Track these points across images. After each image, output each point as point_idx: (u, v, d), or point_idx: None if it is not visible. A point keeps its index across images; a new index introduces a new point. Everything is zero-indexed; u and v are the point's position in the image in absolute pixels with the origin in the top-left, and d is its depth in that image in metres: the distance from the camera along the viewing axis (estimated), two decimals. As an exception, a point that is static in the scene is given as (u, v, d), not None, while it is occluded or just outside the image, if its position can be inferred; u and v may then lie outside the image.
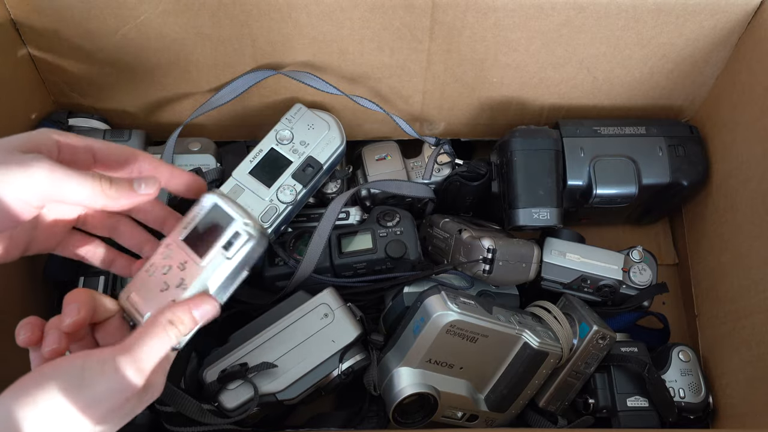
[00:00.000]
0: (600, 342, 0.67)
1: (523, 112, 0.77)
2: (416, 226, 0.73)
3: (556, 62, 0.70)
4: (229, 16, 0.63)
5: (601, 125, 0.73)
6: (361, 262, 0.69)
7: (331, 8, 0.63)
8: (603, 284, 0.71)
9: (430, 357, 0.62)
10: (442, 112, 0.77)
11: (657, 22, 0.65)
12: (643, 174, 0.71)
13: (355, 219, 0.75)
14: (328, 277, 0.69)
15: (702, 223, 0.77)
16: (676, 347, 0.71)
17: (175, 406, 0.60)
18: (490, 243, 0.65)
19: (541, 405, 0.69)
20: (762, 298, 0.64)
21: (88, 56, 0.66)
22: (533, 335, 0.63)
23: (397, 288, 0.69)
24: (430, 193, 0.76)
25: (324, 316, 0.65)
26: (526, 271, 0.67)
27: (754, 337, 0.65)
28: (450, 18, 0.64)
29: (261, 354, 0.63)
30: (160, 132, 0.75)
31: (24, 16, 0.63)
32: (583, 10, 0.63)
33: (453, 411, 0.66)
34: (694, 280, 0.80)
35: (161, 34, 0.65)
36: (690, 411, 0.69)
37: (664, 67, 0.70)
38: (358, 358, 0.65)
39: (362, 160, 0.79)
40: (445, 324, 0.60)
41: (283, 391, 0.63)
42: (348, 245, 0.70)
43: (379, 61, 0.69)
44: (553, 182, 0.70)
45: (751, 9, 0.64)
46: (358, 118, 0.76)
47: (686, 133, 0.74)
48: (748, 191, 0.67)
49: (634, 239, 0.85)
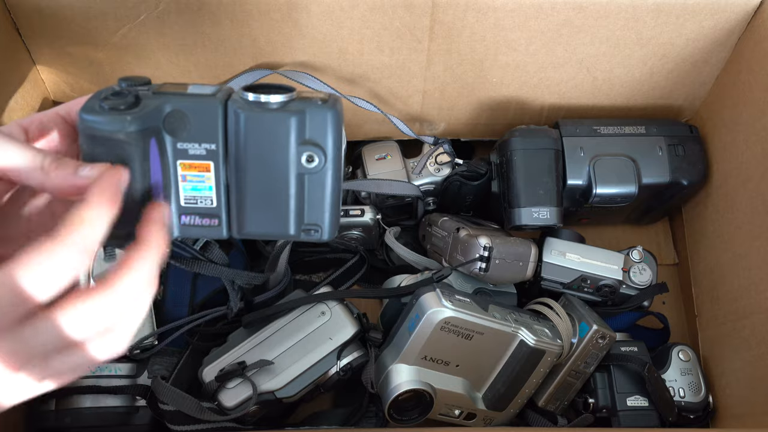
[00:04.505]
0: (600, 341, 0.67)
1: (523, 112, 0.77)
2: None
3: (555, 62, 0.70)
4: (229, 16, 0.63)
5: (600, 125, 0.73)
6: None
7: (331, 8, 0.63)
8: (603, 284, 0.71)
9: (425, 354, 0.62)
10: (442, 112, 0.77)
11: (657, 21, 0.65)
12: (642, 174, 0.71)
13: (368, 218, 0.75)
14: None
15: (702, 223, 0.77)
16: (676, 347, 0.71)
17: (175, 404, 0.60)
18: (486, 241, 0.65)
19: (541, 404, 0.69)
20: (762, 298, 0.64)
21: (88, 56, 0.67)
22: (530, 333, 0.63)
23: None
24: (416, 192, 0.76)
25: (321, 314, 0.65)
26: (523, 269, 0.67)
27: (754, 337, 0.65)
28: (450, 18, 0.64)
29: (259, 353, 0.63)
30: (160, 132, 0.75)
31: (24, 16, 0.63)
32: (582, 10, 0.63)
33: (450, 409, 0.66)
34: (694, 280, 0.80)
35: (161, 34, 0.65)
36: (690, 410, 0.69)
37: (664, 66, 0.70)
38: (356, 355, 0.65)
39: (362, 159, 0.79)
40: (439, 321, 0.60)
41: (281, 389, 0.63)
42: None
43: (378, 61, 0.69)
44: (552, 182, 0.70)
45: (751, 9, 0.64)
46: (358, 118, 0.76)
47: (686, 133, 0.74)
48: (748, 191, 0.67)
49: (634, 239, 0.85)
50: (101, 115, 0.34)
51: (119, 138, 0.34)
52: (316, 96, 0.37)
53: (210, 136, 0.36)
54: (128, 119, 0.34)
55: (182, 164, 0.36)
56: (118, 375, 0.65)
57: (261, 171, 0.37)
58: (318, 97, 0.37)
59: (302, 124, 0.36)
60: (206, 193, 0.37)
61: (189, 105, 0.35)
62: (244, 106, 0.35)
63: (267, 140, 0.36)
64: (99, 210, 0.32)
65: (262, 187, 0.37)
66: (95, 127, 0.34)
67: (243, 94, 0.36)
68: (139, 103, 0.35)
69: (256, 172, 0.37)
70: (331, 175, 0.37)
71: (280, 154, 0.36)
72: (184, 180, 0.37)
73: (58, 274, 0.31)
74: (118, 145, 0.34)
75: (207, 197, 0.38)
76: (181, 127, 0.35)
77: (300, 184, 0.38)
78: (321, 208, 0.38)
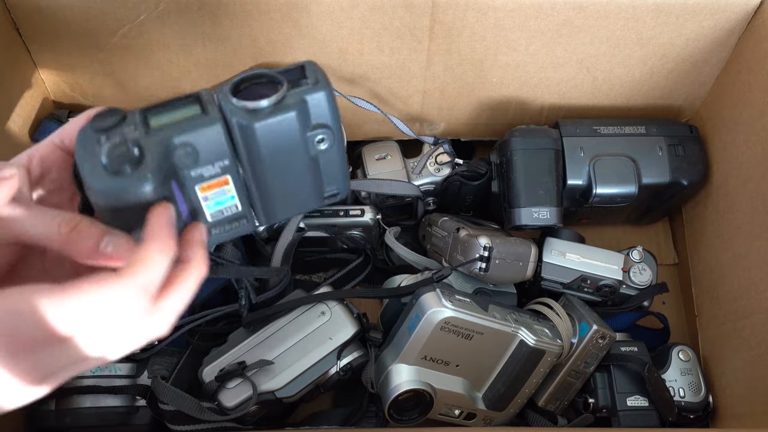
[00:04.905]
0: (600, 341, 0.67)
1: (523, 112, 0.77)
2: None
3: (555, 62, 0.70)
4: (229, 16, 0.63)
5: (600, 125, 0.73)
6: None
7: (331, 8, 0.63)
8: (603, 284, 0.71)
9: (425, 354, 0.62)
10: (442, 112, 0.77)
11: (657, 21, 0.65)
12: (642, 173, 0.71)
13: (368, 218, 0.75)
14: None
15: (702, 223, 0.77)
16: (676, 347, 0.71)
17: (175, 404, 0.60)
18: (486, 241, 0.65)
19: (541, 404, 0.69)
20: (762, 298, 0.64)
21: (88, 56, 0.67)
22: (530, 333, 0.63)
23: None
24: (416, 192, 0.76)
25: (321, 314, 0.65)
26: (523, 269, 0.67)
27: (754, 337, 0.65)
28: (450, 18, 0.64)
29: (259, 353, 0.63)
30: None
31: (24, 16, 0.63)
32: (582, 10, 0.63)
33: (450, 409, 0.66)
34: (694, 280, 0.80)
35: (161, 34, 0.65)
36: (690, 410, 0.69)
37: (664, 67, 0.70)
38: (356, 355, 0.65)
39: (362, 159, 0.79)
40: (439, 321, 0.60)
41: (281, 389, 0.63)
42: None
43: (378, 61, 0.69)
44: (552, 182, 0.70)
45: (751, 9, 0.64)
46: (358, 118, 0.76)
47: (686, 133, 0.74)
48: (748, 191, 0.67)
49: (634, 239, 0.85)
50: (113, 182, 0.31)
51: (143, 201, 0.32)
52: (299, 75, 0.36)
53: (220, 154, 0.35)
54: (148, 177, 0.32)
55: (201, 188, 0.36)
56: (118, 375, 0.65)
57: (277, 166, 0.37)
58: (302, 78, 0.36)
59: (305, 114, 0.36)
60: (230, 203, 0.37)
61: (191, 135, 0.34)
62: (244, 116, 0.35)
63: (277, 140, 0.36)
64: (160, 253, 0.32)
65: (282, 179, 0.38)
66: (113, 196, 0.32)
67: (236, 102, 0.35)
68: (144, 155, 0.32)
69: (273, 169, 0.37)
70: (339, 145, 0.38)
71: (292, 147, 0.36)
72: (206, 200, 0.37)
73: (115, 311, 0.31)
74: (142, 206, 0.32)
75: (231, 206, 0.38)
76: (192, 157, 0.34)
77: (315, 164, 0.38)
78: (337, 176, 0.40)
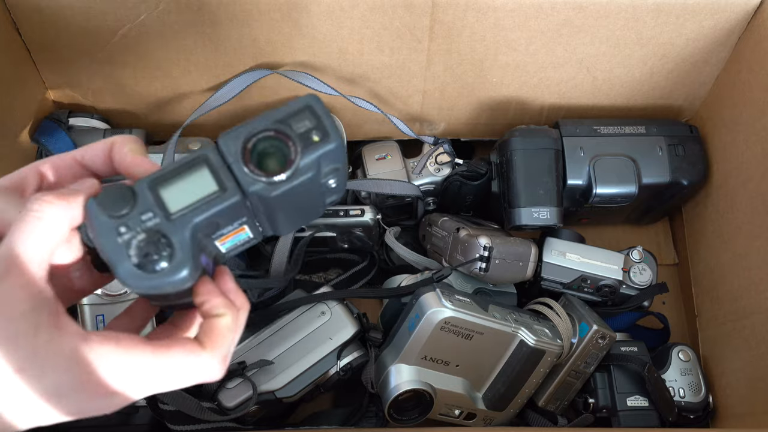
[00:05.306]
0: (600, 341, 0.67)
1: (523, 112, 0.77)
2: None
3: (555, 62, 0.70)
4: (229, 16, 0.63)
5: (600, 125, 0.73)
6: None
7: (331, 8, 0.63)
8: (603, 284, 0.71)
9: (425, 354, 0.62)
10: (442, 112, 0.77)
11: (657, 21, 0.65)
12: (642, 173, 0.71)
13: (368, 218, 0.75)
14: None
15: (702, 223, 0.77)
16: (676, 347, 0.71)
17: (175, 404, 0.60)
18: (486, 241, 0.65)
19: (541, 404, 0.69)
20: (762, 298, 0.64)
21: (88, 56, 0.66)
22: (530, 333, 0.63)
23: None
24: (416, 192, 0.76)
25: (321, 314, 0.65)
26: (523, 269, 0.67)
27: (754, 337, 0.65)
28: (450, 18, 0.64)
29: (259, 353, 0.63)
30: (160, 131, 0.76)
31: (24, 16, 0.63)
32: (582, 10, 0.63)
33: (450, 409, 0.66)
34: (694, 280, 0.80)
35: (161, 34, 0.65)
36: (690, 410, 0.69)
37: (664, 66, 0.70)
38: (356, 355, 0.65)
39: (362, 159, 0.79)
40: (439, 321, 0.60)
41: (281, 389, 0.63)
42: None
43: (378, 61, 0.69)
44: (553, 182, 0.70)
45: (751, 9, 0.64)
46: (358, 118, 0.76)
47: (686, 133, 0.74)
48: (748, 191, 0.67)
49: (634, 239, 0.85)
50: (151, 281, 0.31)
51: (182, 288, 0.33)
52: (307, 125, 0.34)
53: (239, 216, 0.35)
54: (183, 267, 0.31)
55: (220, 240, 0.36)
56: (118, 375, 0.65)
57: (290, 207, 0.37)
58: (306, 127, 0.34)
59: (319, 169, 0.34)
60: (243, 239, 0.37)
61: (214, 214, 0.33)
62: (261, 186, 0.33)
63: (293, 195, 0.35)
64: (232, 321, 0.34)
65: (293, 211, 0.38)
66: (152, 289, 0.32)
67: (252, 175, 0.33)
68: (173, 246, 0.31)
69: (286, 210, 0.37)
70: (345, 171, 0.38)
71: (306, 192, 0.36)
72: (222, 243, 0.36)
73: (194, 377, 0.33)
74: (182, 289, 0.33)
75: (245, 240, 0.38)
76: (213, 227, 0.34)
77: (324, 194, 0.38)
78: (340, 190, 0.40)
